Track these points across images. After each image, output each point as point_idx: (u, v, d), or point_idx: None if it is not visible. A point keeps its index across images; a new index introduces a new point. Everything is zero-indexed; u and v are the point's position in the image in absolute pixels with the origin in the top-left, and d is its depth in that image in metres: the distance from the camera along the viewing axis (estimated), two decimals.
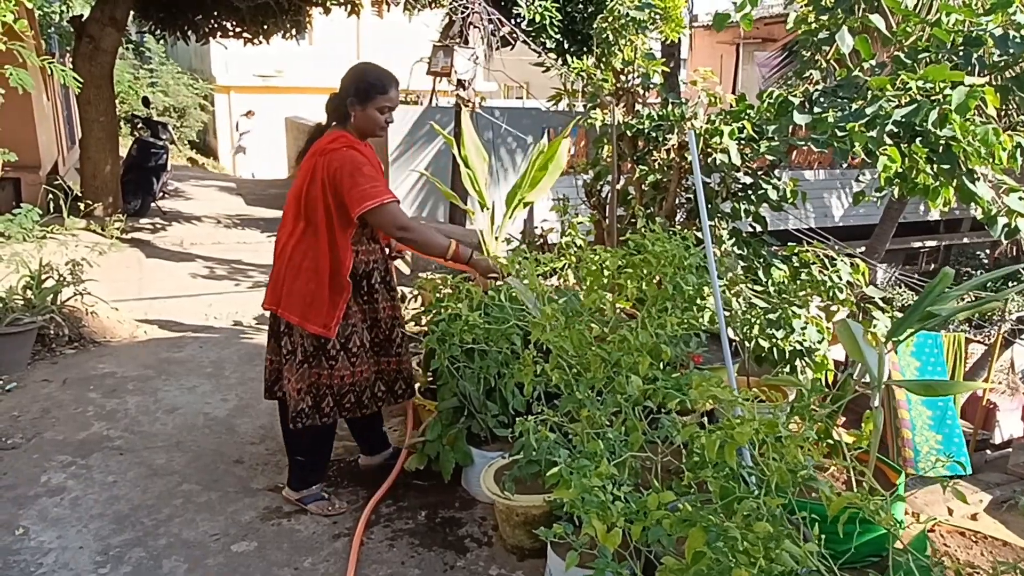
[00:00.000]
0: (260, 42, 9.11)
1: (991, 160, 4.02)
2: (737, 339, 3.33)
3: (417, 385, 3.43)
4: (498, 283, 2.81)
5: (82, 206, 7.19)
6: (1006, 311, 7.86)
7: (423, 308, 4.64)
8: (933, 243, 14.01)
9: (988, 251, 13.91)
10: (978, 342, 8.04)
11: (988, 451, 6.25)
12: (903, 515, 2.59)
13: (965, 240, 14.28)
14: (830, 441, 1.97)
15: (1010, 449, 6.42)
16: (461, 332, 2.55)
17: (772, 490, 1.40)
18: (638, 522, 1.42)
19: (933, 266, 13.75)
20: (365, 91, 2.56)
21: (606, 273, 2.60)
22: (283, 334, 2.68)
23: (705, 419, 2.57)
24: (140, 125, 9.30)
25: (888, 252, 10.13)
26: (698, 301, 2.71)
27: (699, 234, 3.39)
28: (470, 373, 2.87)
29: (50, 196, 6.91)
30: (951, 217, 13.59)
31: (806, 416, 1.64)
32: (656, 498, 1.44)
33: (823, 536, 1.35)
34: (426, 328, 3.54)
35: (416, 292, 4.35)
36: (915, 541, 2.23)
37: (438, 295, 2.98)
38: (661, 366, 2.10)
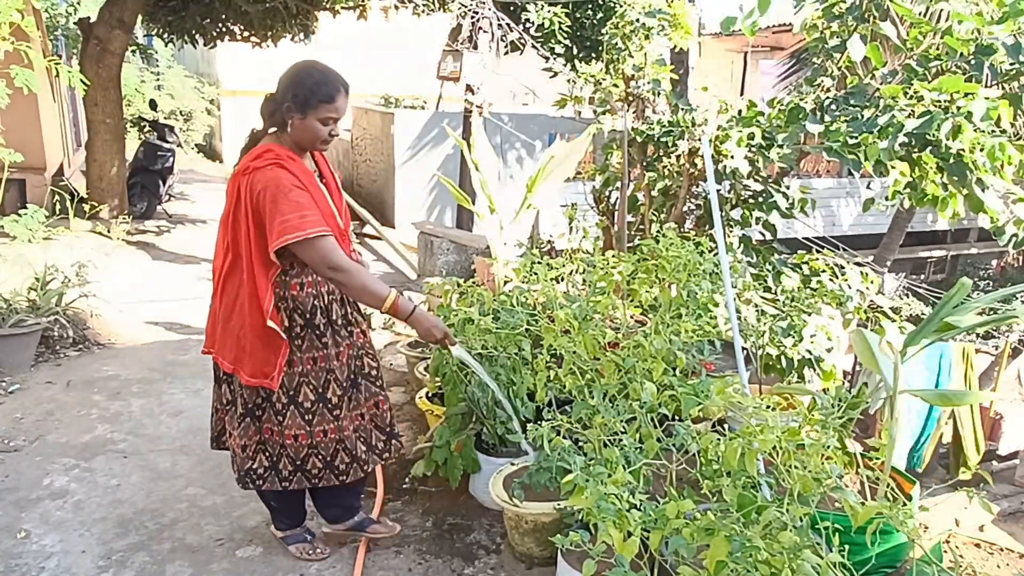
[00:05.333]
0: (268, 46, 9.12)
1: (1000, 171, 4.00)
2: (748, 347, 3.30)
3: (425, 390, 3.40)
4: (442, 348, 2.42)
5: (88, 208, 7.18)
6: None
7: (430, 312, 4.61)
8: (940, 253, 13.96)
9: (995, 261, 13.87)
10: (986, 352, 7.99)
11: (994, 462, 6.20)
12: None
13: (972, 250, 14.23)
14: (846, 450, 1.93)
15: (1017, 460, 6.37)
16: (473, 336, 2.50)
17: (795, 499, 1.36)
18: (657, 531, 1.39)
19: (941, 276, 13.70)
20: (304, 98, 2.11)
21: (618, 278, 2.56)
22: (222, 380, 2.33)
23: (715, 428, 2.53)
24: (147, 128, 9.30)
25: (895, 261, 10.10)
26: (710, 308, 2.67)
27: (709, 241, 3.36)
28: (479, 379, 2.84)
29: (56, 197, 6.90)
30: (959, 227, 13.55)
31: (827, 424, 1.61)
32: (675, 506, 1.41)
33: (846, 547, 1.31)
34: None
35: (425, 297, 4.32)
36: (931, 552, 2.20)
37: (446, 300, 2.94)
38: (675, 373, 2.06)
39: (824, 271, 4.24)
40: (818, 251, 4.49)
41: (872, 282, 3.87)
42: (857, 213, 12.58)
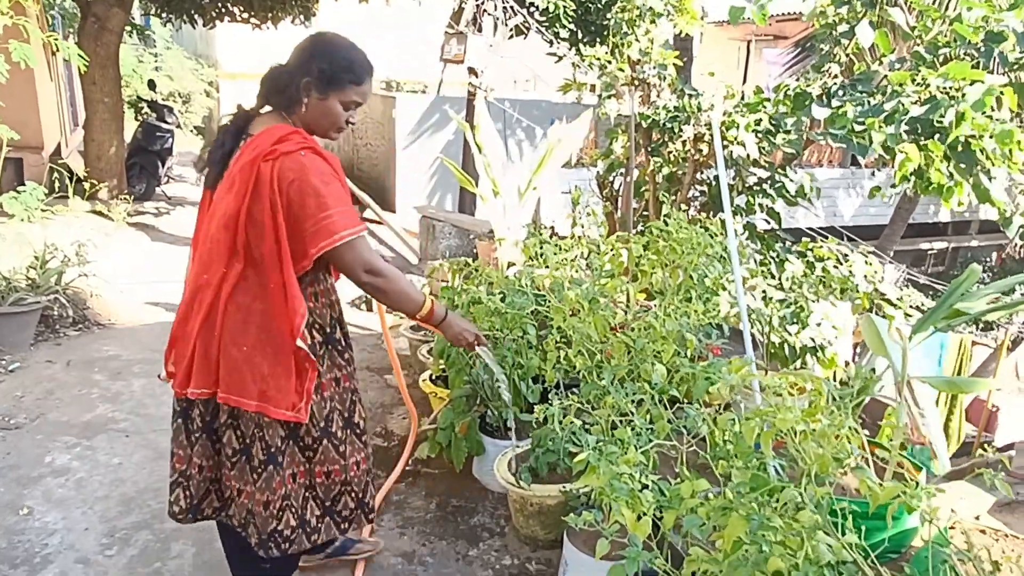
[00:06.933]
0: (268, 28, 9.03)
1: (1009, 159, 3.98)
2: (754, 333, 3.29)
3: (428, 372, 3.39)
4: (470, 350, 2.27)
5: (87, 187, 7.12)
6: (1013, 314, 7.83)
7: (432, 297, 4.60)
8: (941, 245, 13.99)
9: (995, 253, 13.90)
10: (984, 345, 8.01)
11: (990, 453, 6.24)
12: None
13: (973, 243, 14.26)
14: (858, 434, 1.92)
15: (1013, 452, 6.41)
16: (482, 317, 2.48)
17: (812, 480, 1.36)
18: (671, 510, 1.38)
19: (941, 268, 13.72)
20: (331, 75, 1.81)
21: (627, 260, 2.54)
22: (225, 427, 1.87)
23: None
24: (145, 108, 9.22)
25: (896, 253, 10.11)
26: (718, 292, 2.66)
27: (715, 227, 3.35)
28: (483, 361, 2.82)
29: (55, 175, 6.84)
30: (960, 219, 13.57)
31: (842, 406, 1.60)
32: (690, 485, 1.40)
33: (862, 528, 1.31)
34: None
35: (426, 281, 4.31)
36: (936, 538, 2.20)
37: (453, 279, 2.91)
38: (685, 355, 2.05)
39: (828, 259, 4.23)
40: (823, 240, 4.48)
41: (877, 270, 3.86)
42: (859, 204, 12.58)
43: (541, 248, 2.56)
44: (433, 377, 3.35)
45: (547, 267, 2.85)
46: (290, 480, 1.88)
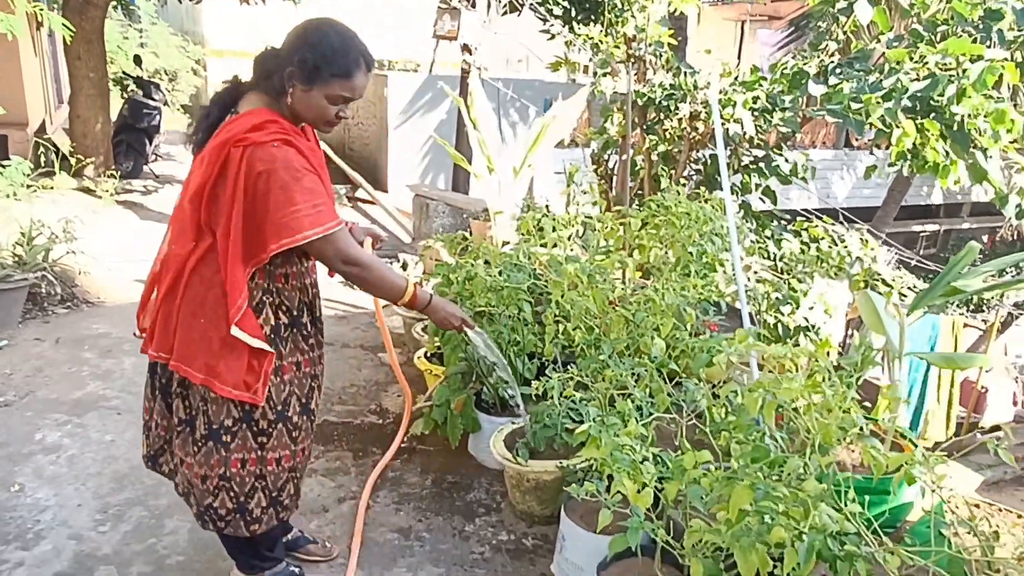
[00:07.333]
0: (256, 3, 8.87)
1: (1006, 137, 3.97)
2: (750, 311, 3.29)
3: (423, 350, 3.37)
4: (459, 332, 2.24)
5: (73, 162, 7.01)
6: (1004, 296, 7.89)
7: (425, 275, 4.57)
8: (933, 227, 14.06)
9: (986, 236, 13.99)
10: (974, 327, 8.07)
11: (978, 433, 6.31)
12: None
13: (964, 225, 14.34)
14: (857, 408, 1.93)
15: (1000, 432, 6.49)
16: (478, 292, 2.45)
17: (816, 450, 1.35)
18: (674, 482, 1.37)
19: (932, 250, 13.81)
20: (314, 67, 1.71)
21: (625, 234, 2.52)
22: (175, 395, 1.87)
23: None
24: (131, 85, 9.06)
25: (888, 235, 10.15)
26: (715, 268, 2.65)
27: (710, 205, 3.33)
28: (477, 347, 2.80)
29: (41, 150, 6.72)
30: (952, 201, 13.63)
31: (844, 379, 1.59)
32: (693, 456, 1.39)
33: (867, 498, 1.30)
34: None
35: (419, 260, 4.27)
36: (936, 508, 2.21)
37: (452, 250, 2.87)
38: (685, 329, 2.04)
39: (823, 238, 4.23)
40: (818, 220, 4.48)
41: (872, 248, 3.87)
42: (852, 185, 12.60)
43: (539, 222, 2.53)
44: (428, 355, 3.33)
45: (544, 244, 2.83)
46: (237, 464, 1.84)
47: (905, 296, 4.01)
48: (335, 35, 1.75)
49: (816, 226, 4.33)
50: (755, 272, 3.63)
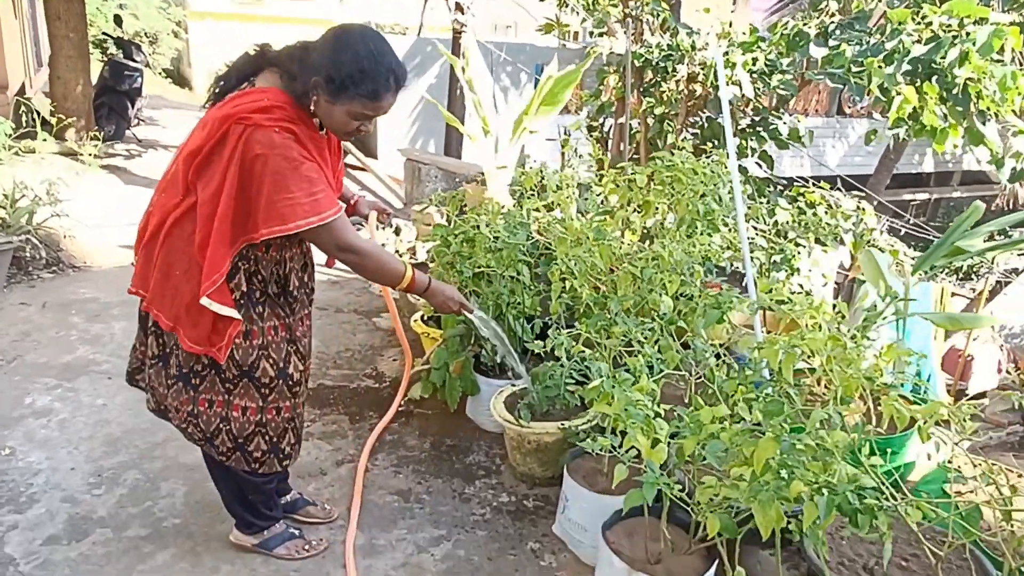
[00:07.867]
0: None
1: (1006, 102, 3.93)
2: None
3: (420, 312, 3.32)
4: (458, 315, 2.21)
5: (54, 122, 6.82)
6: (994, 262, 7.94)
7: (418, 239, 4.51)
8: (924, 196, 14.10)
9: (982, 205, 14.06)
10: (962, 296, 8.13)
11: (964, 401, 6.39)
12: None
13: (955, 194, 14.39)
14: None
15: (986, 400, 6.57)
16: (478, 254, 2.40)
17: (838, 402, 1.33)
18: (692, 437, 1.35)
19: (923, 219, 13.86)
20: (341, 85, 1.69)
21: (632, 191, 2.47)
22: (150, 332, 1.91)
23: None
24: (111, 47, 8.80)
25: (879, 203, 10.15)
26: (719, 227, 2.61)
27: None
28: (478, 300, 2.77)
29: (22, 109, 6.53)
30: (942, 170, 13.65)
31: (860, 329, 1.57)
32: (710, 411, 1.37)
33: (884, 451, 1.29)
34: (428, 258, 3.41)
35: (412, 224, 4.21)
36: (936, 472, 2.22)
37: (452, 208, 2.81)
38: (694, 285, 2.00)
39: (820, 204, 4.20)
40: (815, 186, 4.44)
41: (870, 213, 3.84)
42: (844, 153, 12.58)
43: (542, 179, 2.47)
44: (425, 317, 3.28)
45: (545, 206, 2.77)
46: (202, 403, 1.90)
47: (901, 262, 3.99)
48: (366, 52, 1.70)
49: (812, 191, 4.30)
50: (751, 238, 3.60)
